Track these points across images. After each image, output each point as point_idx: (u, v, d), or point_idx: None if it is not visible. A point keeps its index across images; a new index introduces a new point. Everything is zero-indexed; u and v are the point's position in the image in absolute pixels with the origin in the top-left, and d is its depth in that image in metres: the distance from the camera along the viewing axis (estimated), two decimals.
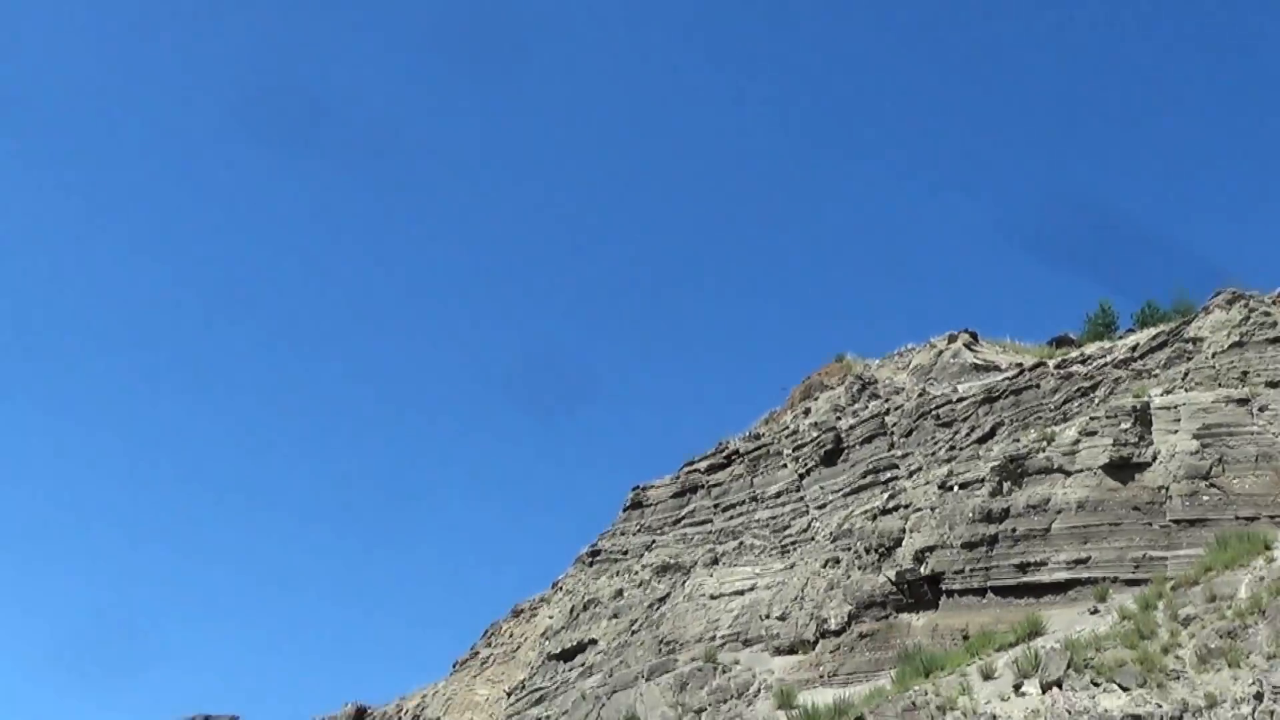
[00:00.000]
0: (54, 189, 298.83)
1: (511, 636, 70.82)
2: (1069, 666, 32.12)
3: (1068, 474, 44.03)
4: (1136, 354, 50.00)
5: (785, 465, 58.33)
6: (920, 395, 55.42)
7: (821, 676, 45.33)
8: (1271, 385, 44.26)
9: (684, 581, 56.26)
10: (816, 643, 47.47)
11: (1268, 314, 47.75)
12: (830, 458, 56.51)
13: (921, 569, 45.37)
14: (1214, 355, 46.84)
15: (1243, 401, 43.62)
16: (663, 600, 56.35)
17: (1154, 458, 42.93)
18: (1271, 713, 29.16)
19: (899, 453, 53.94)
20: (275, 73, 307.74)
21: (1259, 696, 29.42)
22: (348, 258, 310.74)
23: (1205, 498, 41.43)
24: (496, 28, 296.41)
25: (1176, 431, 43.38)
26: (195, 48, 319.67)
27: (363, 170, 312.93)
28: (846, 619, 46.84)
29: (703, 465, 63.02)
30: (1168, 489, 42.04)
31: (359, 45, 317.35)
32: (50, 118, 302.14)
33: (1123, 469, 43.06)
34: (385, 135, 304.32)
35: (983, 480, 45.74)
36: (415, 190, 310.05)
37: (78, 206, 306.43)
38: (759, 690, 46.29)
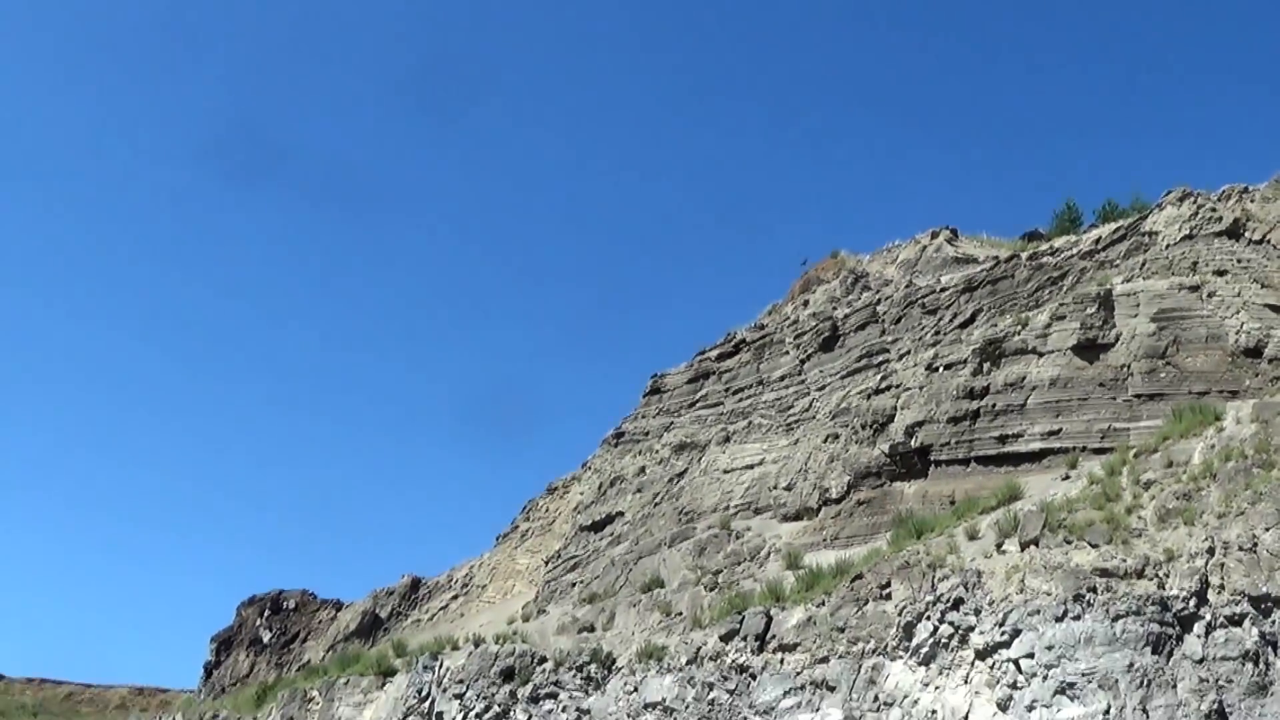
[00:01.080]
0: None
1: (547, 512, 71.32)
2: (1044, 527, 32.86)
3: (1040, 355, 44.94)
4: (1099, 246, 50.49)
5: (787, 352, 58.60)
6: (907, 286, 55.82)
7: (824, 540, 46.27)
8: (1219, 274, 44.95)
9: (699, 458, 56.87)
10: (819, 510, 48.35)
11: (1214, 210, 48.46)
12: (828, 344, 56.90)
13: (912, 442, 46.28)
14: (1167, 247, 47.48)
15: (1194, 288, 44.38)
16: (681, 475, 56.97)
17: (1116, 339, 43.83)
18: (1222, 564, 30.01)
19: (889, 338, 54.42)
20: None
21: (1210, 551, 30.27)
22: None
23: (1162, 375, 42.40)
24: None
25: (1136, 316, 44.16)
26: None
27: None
28: (846, 488, 47.69)
29: (714, 354, 63.37)
30: (1129, 367, 42.99)
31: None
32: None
33: (1089, 350, 44.01)
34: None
35: (965, 361, 46.65)
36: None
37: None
38: (769, 553, 47.16)
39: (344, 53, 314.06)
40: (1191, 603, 29.12)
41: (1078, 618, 29.31)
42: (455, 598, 70.69)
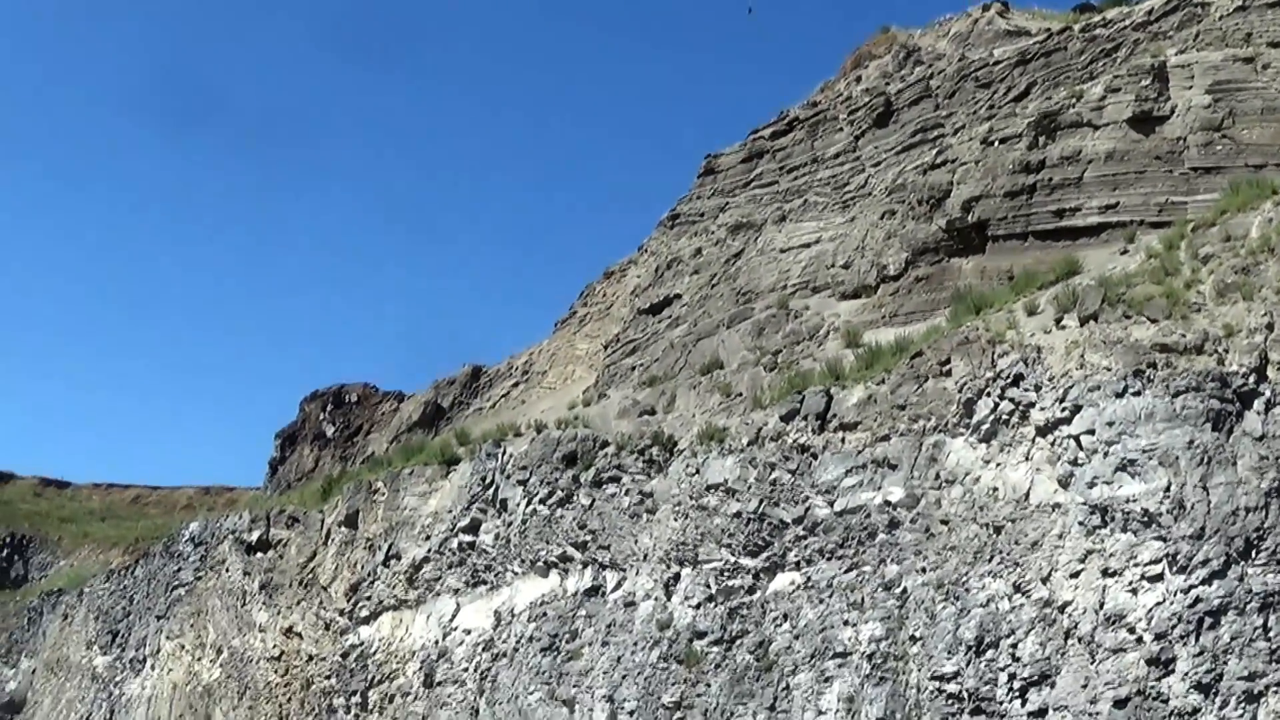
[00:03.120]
0: None
1: (605, 296, 71.60)
2: (1103, 301, 32.83)
3: (1095, 128, 44.43)
4: (1152, 18, 49.39)
5: (841, 129, 58.08)
6: (960, 60, 55.13)
7: (883, 317, 46.39)
8: (1273, 45, 44.01)
9: (756, 238, 56.89)
10: (877, 287, 48.40)
11: None
12: (882, 120, 56.16)
13: (969, 217, 46.08)
14: (1220, 18, 46.47)
15: (1248, 60, 43.56)
16: (737, 256, 57.07)
17: (1172, 112, 43.20)
18: None
19: (944, 113, 53.72)
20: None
21: (1270, 327, 30.33)
22: None
23: (1219, 148, 41.81)
24: None
25: (1190, 88, 43.45)
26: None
27: None
28: (904, 265, 47.67)
29: (767, 132, 62.58)
30: (1185, 140, 42.42)
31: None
32: None
33: (1144, 122, 43.38)
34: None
35: (1020, 135, 46.17)
36: None
37: None
38: (828, 332, 47.37)
39: None
40: (1251, 379, 29.28)
41: (1138, 394, 29.59)
42: (516, 385, 71.51)
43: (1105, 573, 28.91)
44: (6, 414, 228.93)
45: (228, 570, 64.14)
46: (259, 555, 61.07)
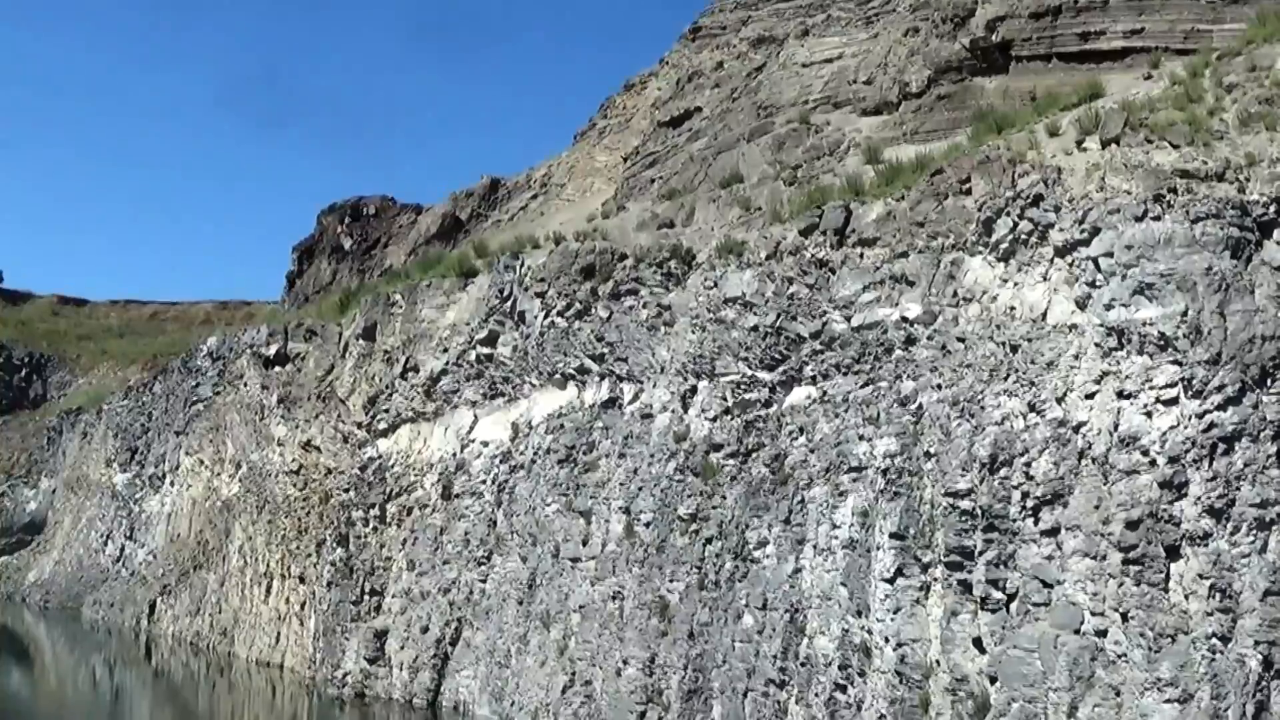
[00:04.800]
0: None
1: (625, 109, 71.33)
2: (1125, 125, 32.61)
3: None
4: None
5: None
6: None
7: (904, 134, 46.34)
8: None
9: (777, 53, 56.54)
10: (899, 104, 48.30)
11: None
12: None
13: (993, 37, 45.84)
14: None
15: None
16: (759, 70, 56.79)
17: None
18: None
19: None
20: None
21: None
22: None
23: None
24: None
25: None
26: None
27: None
28: (926, 83, 47.56)
29: None
30: None
31: None
32: None
33: None
34: None
35: None
36: None
37: None
38: (848, 147, 47.21)
39: None
40: (1272, 209, 29.19)
41: (1157, 218, 29.62)
42: (534, 197, 71.57)
43: (1120, 395, 29.27)
44: (23, 233, 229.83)
45: (246, 385, 64.96)
46: (277, 369, 61.82)
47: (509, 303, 46.49)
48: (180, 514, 71.24)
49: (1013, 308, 32.08)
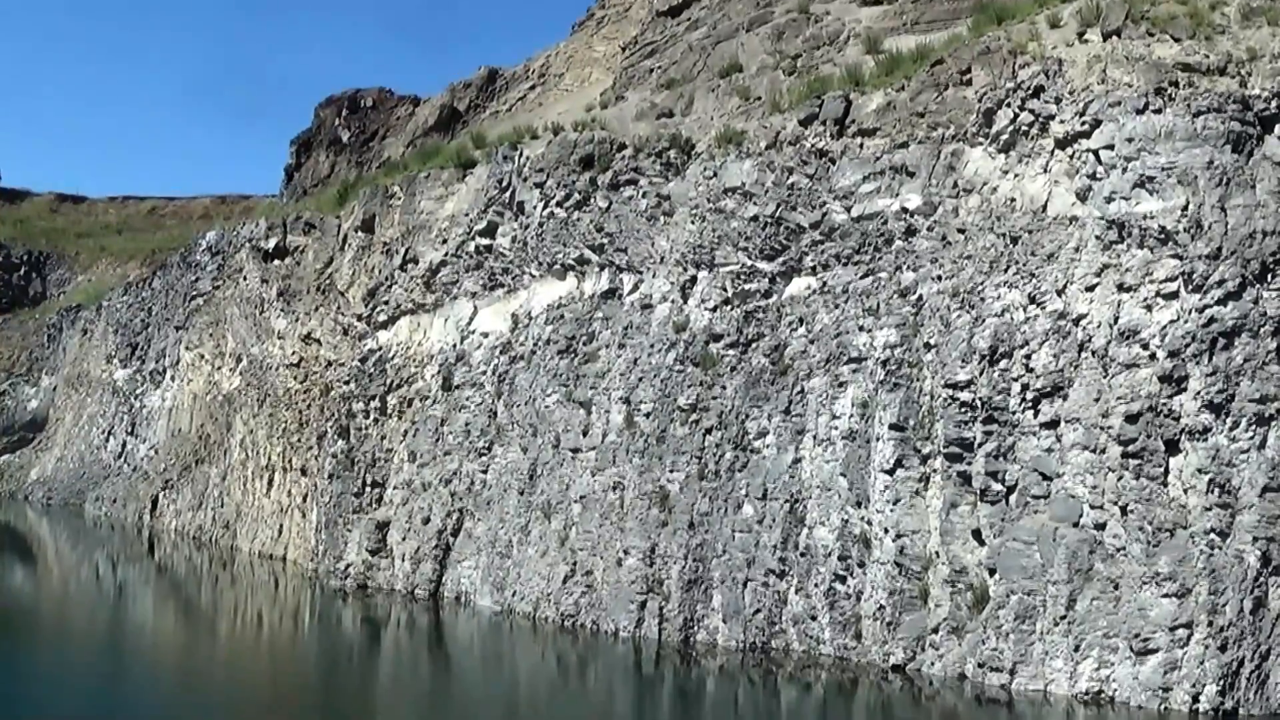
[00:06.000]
0: None
1: None
2: (1127, 18, 32.52)
3: None
4: None
5: None
6: None
7: (905, 24, 45.54)
8: None
9: None
10: None
11: None
12: None
13: None
14: None
15: None
16: None
17: None
18: None
19: None
20: None
21: None
22: None
23: None
24: None
25: None
26: None
27: None
28: None
29: None
30: None
31: None
32: None
33: None
34: None
35: None
36: None
37: None
38: (848, 37, 46.54)
39: None
40: (1273, 104, 29.19)
41: (1159, 111, 29.66)
42: (533, 88, 71.07)
43: (1120, 287, 29.47)
44: (19, 130, 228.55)
45: (245, 279, 65.06)
46: (276, 262, 61.89)
47: (508, 193, 46.46)
48: (181, 409, 71.58)
49: (1013, 199, 32.20)
